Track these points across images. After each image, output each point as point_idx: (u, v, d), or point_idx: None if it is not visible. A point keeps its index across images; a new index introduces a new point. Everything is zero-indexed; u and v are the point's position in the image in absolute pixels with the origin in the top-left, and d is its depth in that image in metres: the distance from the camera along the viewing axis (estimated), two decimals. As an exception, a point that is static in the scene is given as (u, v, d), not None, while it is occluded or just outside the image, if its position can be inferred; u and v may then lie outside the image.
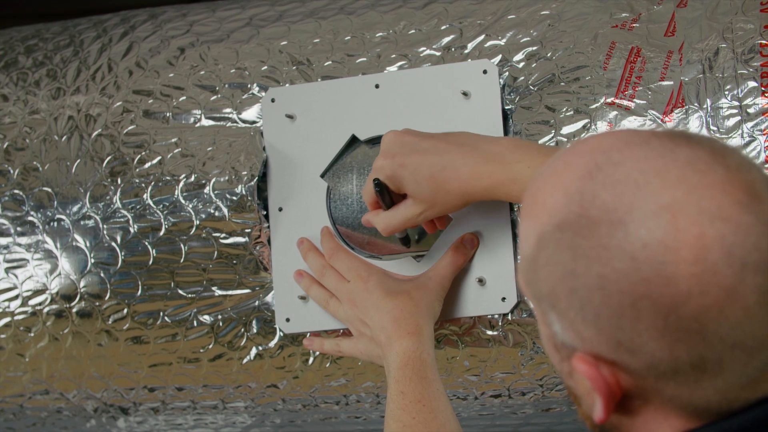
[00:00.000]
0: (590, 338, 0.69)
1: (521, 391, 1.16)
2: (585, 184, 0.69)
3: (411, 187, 1.04)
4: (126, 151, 1.26)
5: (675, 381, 0.68)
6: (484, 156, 1.01)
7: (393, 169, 1.04)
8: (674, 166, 0.67)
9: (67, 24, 1.42)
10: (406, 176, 1.03)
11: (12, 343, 1.30)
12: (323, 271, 1.14)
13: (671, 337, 0.66)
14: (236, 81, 1.24)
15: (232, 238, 1.21)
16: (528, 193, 0.74)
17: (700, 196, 0.66)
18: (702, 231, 0.65)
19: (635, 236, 0.66)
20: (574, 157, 0.71)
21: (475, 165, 1.01)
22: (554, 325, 0.72)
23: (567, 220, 0.69)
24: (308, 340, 1.17)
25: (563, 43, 1.13)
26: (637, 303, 0.66)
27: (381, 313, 1.08)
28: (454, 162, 1.01)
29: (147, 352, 1.25)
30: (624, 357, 0.68)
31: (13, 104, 1.34)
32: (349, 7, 1.25)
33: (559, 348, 0.73)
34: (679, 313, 0.65)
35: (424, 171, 1.02)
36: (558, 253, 0.69)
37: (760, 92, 1.04)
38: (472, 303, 1.13)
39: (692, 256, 0.65)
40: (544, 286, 0.71)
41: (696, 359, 0.66)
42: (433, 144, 1.03)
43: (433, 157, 1.02)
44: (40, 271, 1.28)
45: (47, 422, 1.35)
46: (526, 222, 0.73)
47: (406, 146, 1.04)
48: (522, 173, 0.99)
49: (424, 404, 1.02)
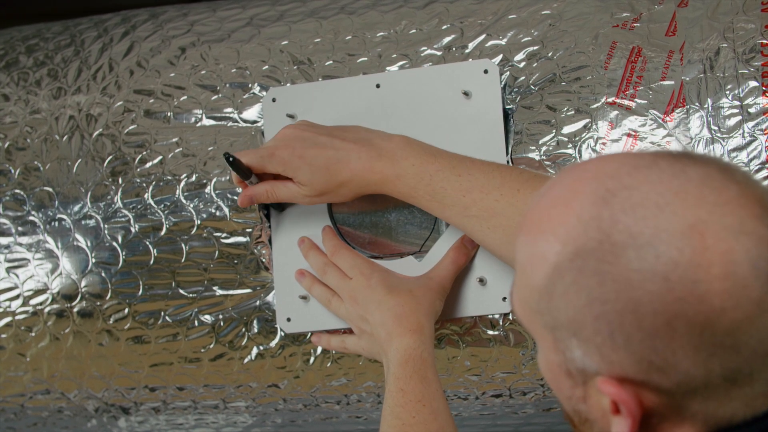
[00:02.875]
0: (618, 361, 0.69)
1: (522, 391, 1.16)
2: (601, 210, 0.69)
3: (306, 177, 1.09)
4: (127, 151, 1.26)
5: (703, 396, 0.69)
6: (377, 152, 1.07)
7: (291, 160, 1.09)
8: (691, 185, 0.69)
9: (68, 24, 1.42)
10: (302, 167, 1.09)
11: (13, 343, 1.31)
12: (325, 269, 1.15)
13: (706, 353, 0.67)
14: (237, 81, 1.24)
15: (233, 237, 1.21)
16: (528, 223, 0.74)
17: (722, 213, 0.67)
18: (729, 247, 0.67)
19: (666, 257, 0.67)
20: (580, 184, 0.72)
21: (367, 160, 1.07)
22: (573, 352, 0.72)
23: (586, 247, 0.69)
24: (316, 335, 1.17)
25: (564, 43, 1.13)
26: (672, 322, 0.67)
27: (382, 309, 1.08)
28: (348, 156, 1.07)
29: (148, 352, 1.25)
30: (654, 376, 0.69)
31: (14, 104, 1.34)
32: (350, 7, 1.25)
33: (574, 374, 0.73)
34: (713, 329, 0.67)
35: (320, 162, 1.08)
36: (580, 280, 0.69)
37: (761, 92, 1.04)
38: (473, 303, 1.13)
39: (723, 272, 0.66)
40: (563, 314, 0.71)
41: (729, 372, 0.68)
42: (329, 139, 1.09)
43: (330, 150, 1.08)
44: (41, 270, 1.28)
45: (48, 422, 1.35)
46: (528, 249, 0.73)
47: (306, 140, 1.09)
48: (407, 171, 1.05)
49: (424, 404, 1.02)
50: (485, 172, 1.03)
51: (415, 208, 1.17)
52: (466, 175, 1.03)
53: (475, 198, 1.02)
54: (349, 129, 1.12)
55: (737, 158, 1.04)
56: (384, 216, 1.18)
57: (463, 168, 1.04)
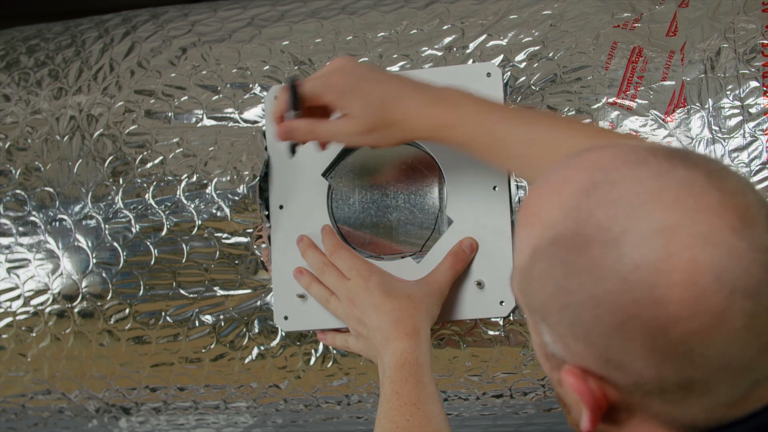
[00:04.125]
0: (579, 353, 0.70)
1: (523, 391, 1.16)
2: (581, 201, 0.69)
3: (358, 108, 1.03)
4: (128, 151, 1.26)
5: (661, 398, 0.69)
6: (434, 96, 1.02)
7: (346, 89, 1.03)
8: (670, 187, 0.67)
9: (68, 24, 1.42)
10: (357, 98, 1.03)
11: (14, 343, 1.31)
12: (324, 269, 1.14)
13: (658, 358, 0.66)
14: (238, 81, 1.24)
15: (233, 238, 1.21)
16: (525, 203, 0.75)
17: (694, 219, 0.66)
18: (694, 255, 0.65)
19: (628, 258, 0.66)
20: (573, 172, 0.72)
21: (425, 103, 1.01)
22: (545, 336, 0.73)
23: (562, 236, 0.69)
24: (321, 333, 1.17)
25: (565, 43, 1.13)
26: (627, 323, 0.66)
27: (380, 313, 1.08)
28: (406, 96, 1.02)
29: (149, 352, 1.25)
30: (612, 373, 0.69)
31: (15, 104, 1.34)
32: (351, 7, 1.25)
33: (550, 358, 0.74)
34: (667, 335, 0.66)
35: (376, 97, 1.02)
36: (551, 268, 0.70)
37: (761, 92, 1.04)
38: (470, 306, 1.13)
39: (683, 280, 0.65)
40: (536, 298, 0.71)
41: (682, 380, 0.67)
42: (387, 76, 1.04)
43: (386, 87, 1.03)
44: (42, 271, 1.28)
45: (49, 422, 1.35)
46: (522, 232, 0.74)
47: (362, 72, 1.04)
48: (467, 118, 1.00)
49: (419, 407, 1.02)
50: (553, 124, 0.98)
51: (416, 209, 1.17)
52: (532, 125, 0.98)
53: (540, 151, 0.97)
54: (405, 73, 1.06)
55: (738, 158, 1.04)
56: (384, 216, 1.18)
57: (527, 118, 0.99)
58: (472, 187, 1.13)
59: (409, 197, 1.17)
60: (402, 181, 1.18)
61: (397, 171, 1.18)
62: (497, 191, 1.12)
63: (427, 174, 1.17)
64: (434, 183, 1.17)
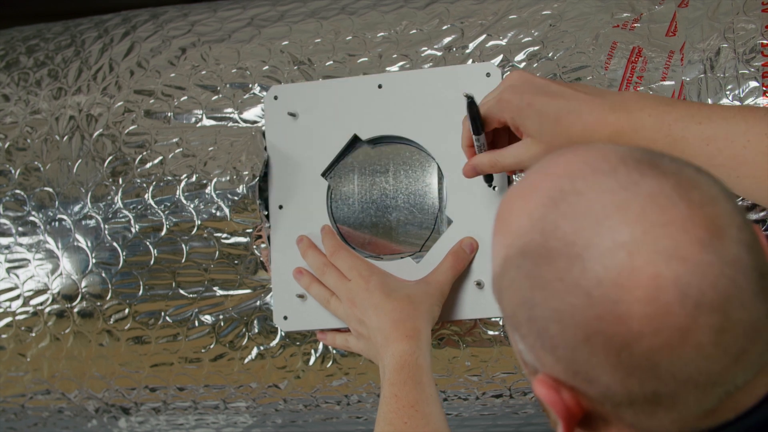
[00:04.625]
0: (549, 364, 0.69)
1: (522, 391, 1.16)
2: (548, 212, 0.68)
3: (534, 126, 1.00)
4: (127, 151, 1.26)
5: (632, 410, 0.68)
6: (609, 104, 0.98)
7: (520, 106, 1.00)
8: (635, 200, 0.66)
9: (68, 24, 1.42)
10: (532, 115, 1.00)
11: (13, 343, 1.31)
12: (324, 269, 1.14)
13: (623, 373, 0.66)
14: (237, 81, 1.24)
15: (233, 238, 1.21)
16: (498, 209, 0.74)
17: (659, 234, 0.65)
18: (657, 271, 0.64)
19: (591, 273, 0.65)
20: (541, 180, 0.71)
21: (600, 113, 0.98)
22: (519, 344, 0.72)
23: (529, 247, 0.69)
24: (321, 333, 1.17)
25: (564, 43, 1.13)
26: (591, 338, 0.66)
27: (380, 314, 1.08)
28: (580, 107, 0.98)
29: (148, 352, 1.25)
30: (581, 385, 0.68)
31: (15, 104, 1.34)
32: (351, 7, 1.25)
33: (526, 364, 0.74)
34: (631, 351, 0.65)
35: (551, 113, 0.99)
36: (518, 279, 0.69)
37: (761, 92, 1.04)
38: (470, 306, 1.13)
39: (646, 296, 0.64)
40: (507, 306, 0.71)
41: (649, 394, 0.66)
42: (560, 88, 1.00)
43: (561, 100, 0.99)
44: (42, 271, 1.28)
45: (48, 422, 1.35)
46: (495, 238, 0.73)
47: (535, 86, 1.01)
48: (644, 122, 0.96)
49: (417, 409, 1.02)
50: (727, 118, 0.94)
51: (416, 209, 1.17)
52: (707, 122, 0.94)
53: (720, 147, 0.93)
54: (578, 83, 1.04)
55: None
56: (384, 216, 1.18)
57: (703, 115, 0.95)
58: (471, 187, 1.13)
59: (408, 197, 1.17)
60: (402, 181, 1.18)
61: (397, 171, 1.18)
62: (497, 191, 1.12)
63: (427, 174, 1.17)
64: (434, 183, 1.17)
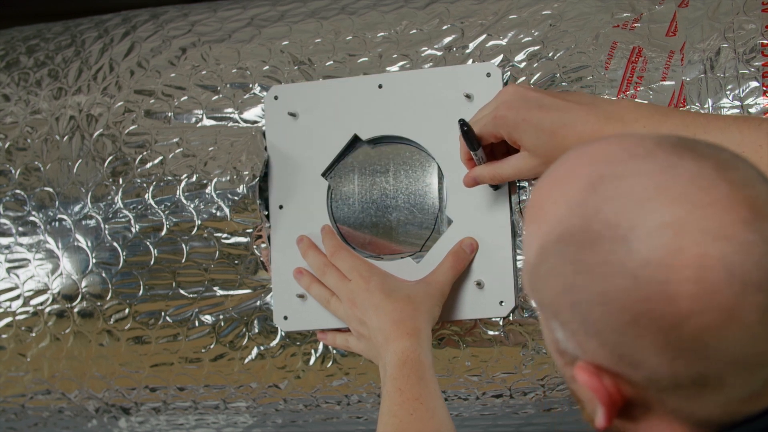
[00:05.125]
0: (592, 350, 0.69)
1: (523, 391, 1.16)
2: (588, 197, 0.69)
3: (530, 141, 1.02)
4: (127, 151, 1.26)
5: (676, 394, 0.68)
6: (604, 115, 0.99)
7: (516, 122, 1.02)
8: (677, 182, 0.67)
9: (68, 24, 1.42)
10: (527, 130, 1.01)
11: (13, 343, 1.31)
12: (324, 270, 1.15)
13: (671, 354, 0.66)
14: (238, 81, 1.24)
15: (233, 238, 1.21)
16: (532, 198, 0.74)
17: (703, 214, 0.65)
18: (704, 251, 0.65)
19: (637, 254, 0.66)
20: (578, 166, 0.71)
21: (595, 124, 0.99)
22: (557, 332, 0.72)
23: (569, 232, 0.69)
24: (321, 333, 1.17)
25: (565, 43, 1.13)
26: (638, 320, 0.66)
27: (380, 314, 1.08)
28: (575, 120, 1.00)
29: (148, 352, 1.25)
30: (625, 370, 0.68)
31: (15, 104, 1.34)
32: (351, 7, 1.25)
33: (563, 354, 0.73)
34: (679, 332, 0.65)
35: (546, 127, 1.00)
36: (560, 266, 0.69)
37: (761, 92, 1.04)
38: (470, 306, 1.13)
39: (693, 275, 0.64)
40: (546, 295, 0.71)
41: (696, 375, 0.67)
42: (554, 101, 1.02)
43: (555, 113, 1.01)
44: (42, 271, 1.28)
45: (49, 422, 1.35)
46: (529, 228, 0.73)
47: (529, 101, 1.02)
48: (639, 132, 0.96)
49: (421, 402, 1.02)
50: (722, 128, 0.95)
51: (416, 209, 1.17)
52: (702, 133, 0.95)
53: None
54: (573, 93, 1.06)
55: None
56: (384, 216, 1.18)
57: (698, 126, 0.96)
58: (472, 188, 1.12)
59: (408, 197, 1.17)
60: (402, 181, 1.18)
61: (397, 171, 1.18)
62: (497, 191, 1.12)
63: (427, 174, 1.17)
64: (434, 183, 1.17)
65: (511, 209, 1.11)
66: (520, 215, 1.11)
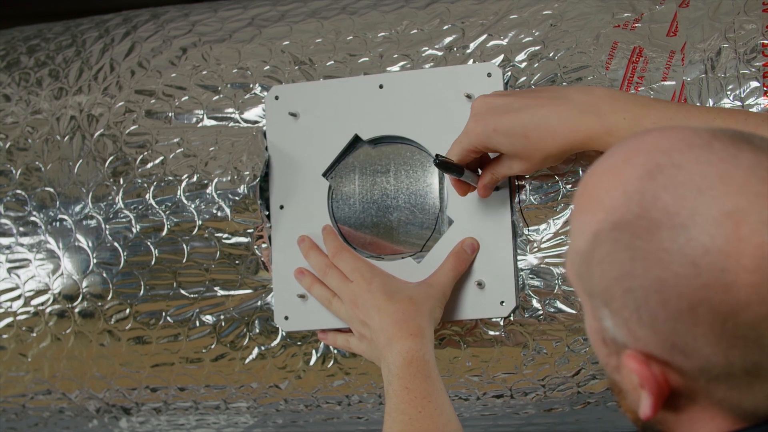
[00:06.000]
0: (644, 338, 0.69)
1: (523, 392, 1.16)
2: (645, 185, 0.69)
3: (506, 148, 1.02)
4: (128, 151, 1.26)
5: (727, 384, 0.68)
6: (578, 108, 0.99)
7: (486, 133, 1.02)
8: (737, 172, 0.67)
9: (69, 24, 1.42)
10: (500, 138, 1.02)
11: (14, 343, 1.31)
12: (326, 270, 1.14)
13: (727, 343, 0.66)
14: (238, 81, 1.24)
15: (234, 238, 1.21)
16: (583, 187, 0.74)
17: (763, 204, 0.66)
18: (763, 240, 0.65)
19: (697, 242, 0.66)
20: (634, 155, 0.71)
21: (569, 119, 0.99)
22: (605, 321, 0.72)
23: (625, 219, 0.69)
24: (322, 333, 1.17)
25: (565, 43, 1.13)
26: (696, 308, 0.66)
27: (382, 315, 1.08)
28: (548, 117, 0.99)
29: (149, 352, 1.25)
30: (677, 358, 0.69)
31: (16, 104, 1.34)
32: (351, 7, 1.25)
33: (608, 343, 0.73)
34: (736, 320, 0.66)
35: (518, 131, 1.01)
36: (615, 252, 0.69)
37: (762, 92, 1.04)
38: (471, 306, 1.13)
39: (753, 264, 0.65)
40: (598, 283, 0.71)
41: (750, 365, 0.67)
42: (524, 102, 1.01)
43: (526, 114, 1.00)
44: (43, 271, 1.28)
45: (49, 422, 1.35)
46: (581, 216, 0.73)
47: (497, 108, 1.02)
48: (618, 124, 0.97)
49: (429, 400, 1.02)
50: (706, 120, 0.95)
51: (417, 209, 1.17)
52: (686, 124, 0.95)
53: None
54: (544, 88, 1.05)
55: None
56: (385, 216, 1.18)
57: (681, 117, 0.96)
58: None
59: (409, 197, 1.17)
60: (403, 181, 1.18)
61: (398, 171, 1.18)
62: (498, 191, 1.12)
63: (428, 174, 1.17)
64: (435, 183, 1.17)
65: (511, 209, 1.11)
66: (521, 215, 1.11)
